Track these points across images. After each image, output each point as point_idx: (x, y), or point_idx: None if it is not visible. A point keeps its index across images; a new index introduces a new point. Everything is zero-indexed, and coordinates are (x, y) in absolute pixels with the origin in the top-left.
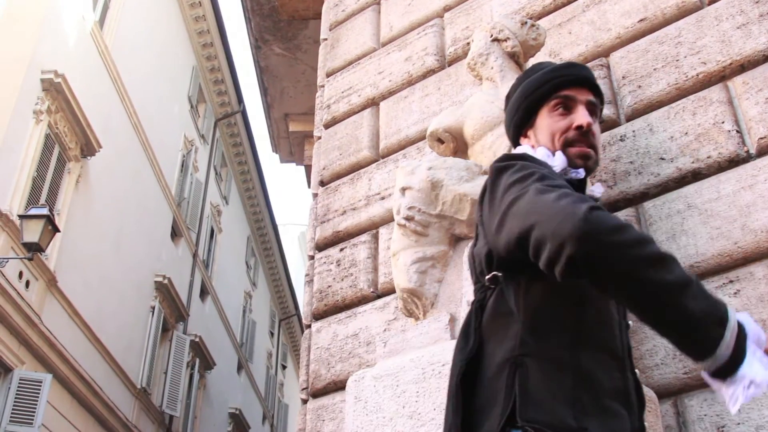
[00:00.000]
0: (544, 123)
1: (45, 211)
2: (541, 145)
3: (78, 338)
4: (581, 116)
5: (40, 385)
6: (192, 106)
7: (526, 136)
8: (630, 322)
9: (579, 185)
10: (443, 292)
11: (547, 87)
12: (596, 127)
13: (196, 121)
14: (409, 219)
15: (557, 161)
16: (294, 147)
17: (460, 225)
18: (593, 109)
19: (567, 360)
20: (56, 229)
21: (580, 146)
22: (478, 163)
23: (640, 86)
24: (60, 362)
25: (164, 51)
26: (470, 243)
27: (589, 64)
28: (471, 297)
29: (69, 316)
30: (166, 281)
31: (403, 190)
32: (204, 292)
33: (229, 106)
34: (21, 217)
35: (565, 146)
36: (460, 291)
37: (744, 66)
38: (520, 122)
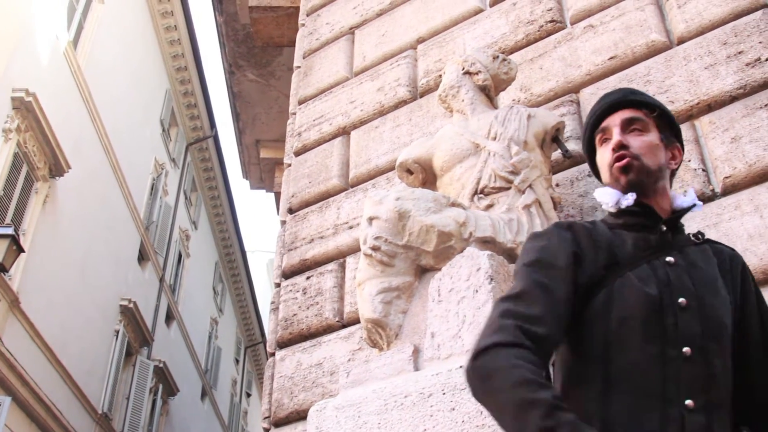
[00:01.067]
0: (599, 161)
1: (10, 231)
2: (603, 183)
3: (39, 361)
4: (613, 139)
5: None
6: (164, 130)
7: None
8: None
9: (646, 210)
10: (407, 323)
11: (589, 128)
12: (642, 138)
13: (168, 144)
14: (375, 249)
15: (607, 197)
16: (264, 173)
17: (426, 256)
18: (632, 123)
19: (594, 410)
20: (21, 250)
21: (617, 161)
22: (446, 195)
23: None
24: (20, 385)
25: (138, 73)
26: (436, 275)
27: (559, 100)
28: (435, 329)
29: (31, 337)
30: (131, 305)
31: (371, 219)
32: (170, 317)
33: (201, 130)
34: None
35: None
36: (424, 322)
37: (711, 106)
38: (590, 164)
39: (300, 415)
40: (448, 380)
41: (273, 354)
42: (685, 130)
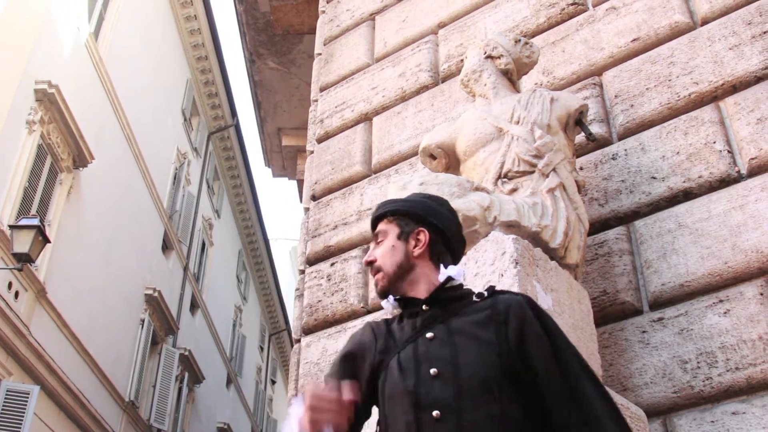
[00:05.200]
0: None
1: (36, 222)
2: None
3: (66, 350)
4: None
5: (28, 397)
6: (185, 119)
7: None
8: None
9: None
10: None
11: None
12: (382, 246)
13: (190, 134)
14: None
15: (384, 305)
16: (287, 161)
17: None
18: (378, 236)
19: None
20: (47, 240)
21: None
22: (469, 179)
23: (632, 105)
24: (48, 374)
25: (159, 63)
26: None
27: (581, 83)
28: None
29: (58, 327)
30: (156, 294)
31: None
32: (194, 306)
33: (223, 119)
34: (11, 227)
35: None
36: None
37: (736, 87)
38: None
39: None
40: None
41: (298, 340)
42: (709, 111)
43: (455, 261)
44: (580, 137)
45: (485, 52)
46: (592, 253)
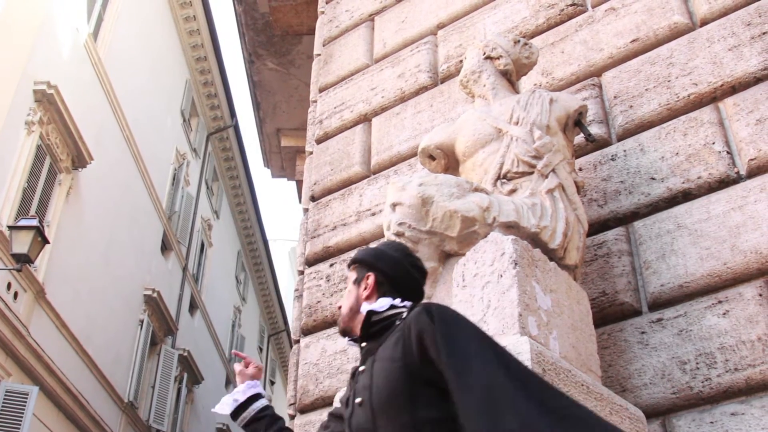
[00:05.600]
0: None
1: (35, 223)
2: None
3: (65, 351)
4: None
5: (27, 398)
6: (184, 120)
7: None
8: None
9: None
10: None
11: None
12: (344, 294)
13: (189, 134)
14: (399, 235)
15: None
16: (286, 162)
17: (449, 241)
18: (347, 283)
19: None
20: (46, 241)
21: None
22: (469, 180)
23: (631, 106)
24: (47, 375)
25: (158, 64)
26: (460, 260)
27: (581, 84)
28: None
29: (57, 328)
30: (155, 295)
31: (394, 205)
32: (193, 306)
33: (222, 120)
34: (10, 228)
35: None
36: None
37: (735, 87)
38: None
39: (325, 402)
40: None
41: (297, 341)
42: (709, 112)
43: (409, 297)
44: (579, 138)
45: (484, 53)
46: (591, 253)
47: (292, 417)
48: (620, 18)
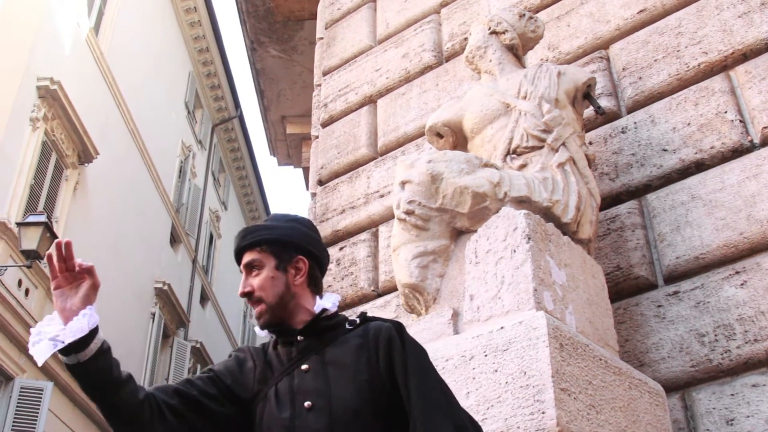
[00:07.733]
0: None
1: (43, 219)
2: None
3: None
4: (240, 288)
5: (41, 394)
6: (189, 112)
7: None
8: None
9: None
10: (445, 287)
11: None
12: (260, 276)
13: (194, 126)
14: (409, 213)
15: (259, 333)
16: (291, 149)
17: (461, 218)
18: (251, 266)
19: None
20: (54, 237)
21: (253, 309)
22: (478, 156)
23: (640, 78)
24: (61, 370)
25: (160, 57)
26: (472, 237)
27: (588, 57)
28: (473, 291)
29: None
30: (165, 287)
31: (403, 183)
32: (204, 298)
33: (226, 111)
34: (19, 224)
35: None
36: (462, 285)
37: (746, 55)
38: None
39: None
40: (489, 342)
41: None
42: (720, 81)
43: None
44: (589, 112)
45: (489, 28)
46: (604, 228)
47: None
48: None
